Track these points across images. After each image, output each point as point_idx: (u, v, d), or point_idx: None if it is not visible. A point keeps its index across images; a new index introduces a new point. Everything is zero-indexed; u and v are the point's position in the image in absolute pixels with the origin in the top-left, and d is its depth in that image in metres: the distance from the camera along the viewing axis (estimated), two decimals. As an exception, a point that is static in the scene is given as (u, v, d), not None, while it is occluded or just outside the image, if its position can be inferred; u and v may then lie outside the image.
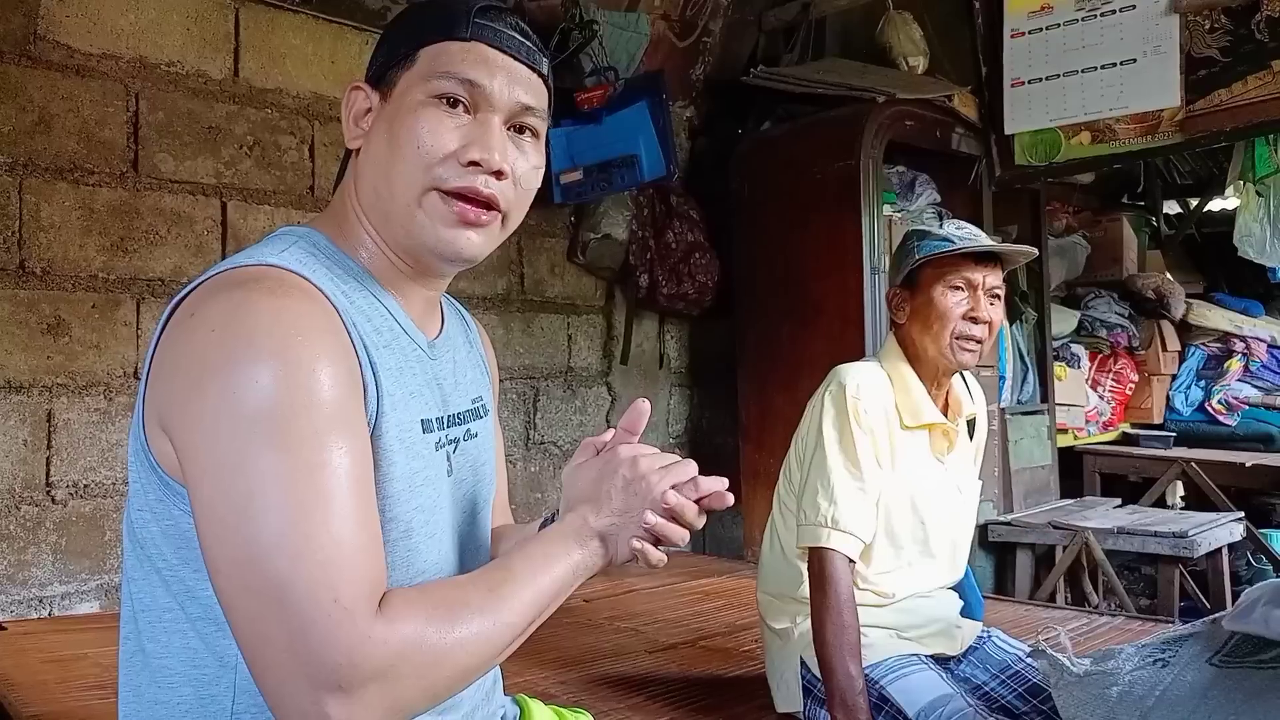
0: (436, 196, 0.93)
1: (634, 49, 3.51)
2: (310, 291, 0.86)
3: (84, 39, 2.64)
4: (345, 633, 0.76)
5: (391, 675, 0.77)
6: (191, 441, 0.81)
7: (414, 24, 0.97)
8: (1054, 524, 3.61)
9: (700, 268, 3.80)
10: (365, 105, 0.98)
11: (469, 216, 0.94)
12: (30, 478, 2.55)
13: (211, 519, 0.79)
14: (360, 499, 0.81)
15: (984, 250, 1.76)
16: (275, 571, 0.76)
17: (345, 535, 0.78)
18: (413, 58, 0.95)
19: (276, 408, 0.78)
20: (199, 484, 0.80)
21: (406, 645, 0.78)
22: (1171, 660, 1.19)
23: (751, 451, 3.71)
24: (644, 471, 0.91)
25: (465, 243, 0.95)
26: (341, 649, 0.75)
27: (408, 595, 0.82)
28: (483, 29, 0.95)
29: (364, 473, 0.84)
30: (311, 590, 0.76)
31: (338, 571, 0.77)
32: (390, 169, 0.93)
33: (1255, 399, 4.88)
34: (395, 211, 0.94)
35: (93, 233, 2.65)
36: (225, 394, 0.79)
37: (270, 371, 0.79)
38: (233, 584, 0.78)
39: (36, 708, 1.92)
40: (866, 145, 3.38)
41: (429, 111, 0.93)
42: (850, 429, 1.73)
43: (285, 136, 3.01)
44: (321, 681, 0.75)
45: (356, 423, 0.85)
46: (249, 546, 0.77)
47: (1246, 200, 4.29)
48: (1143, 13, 3.27)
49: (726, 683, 2.27)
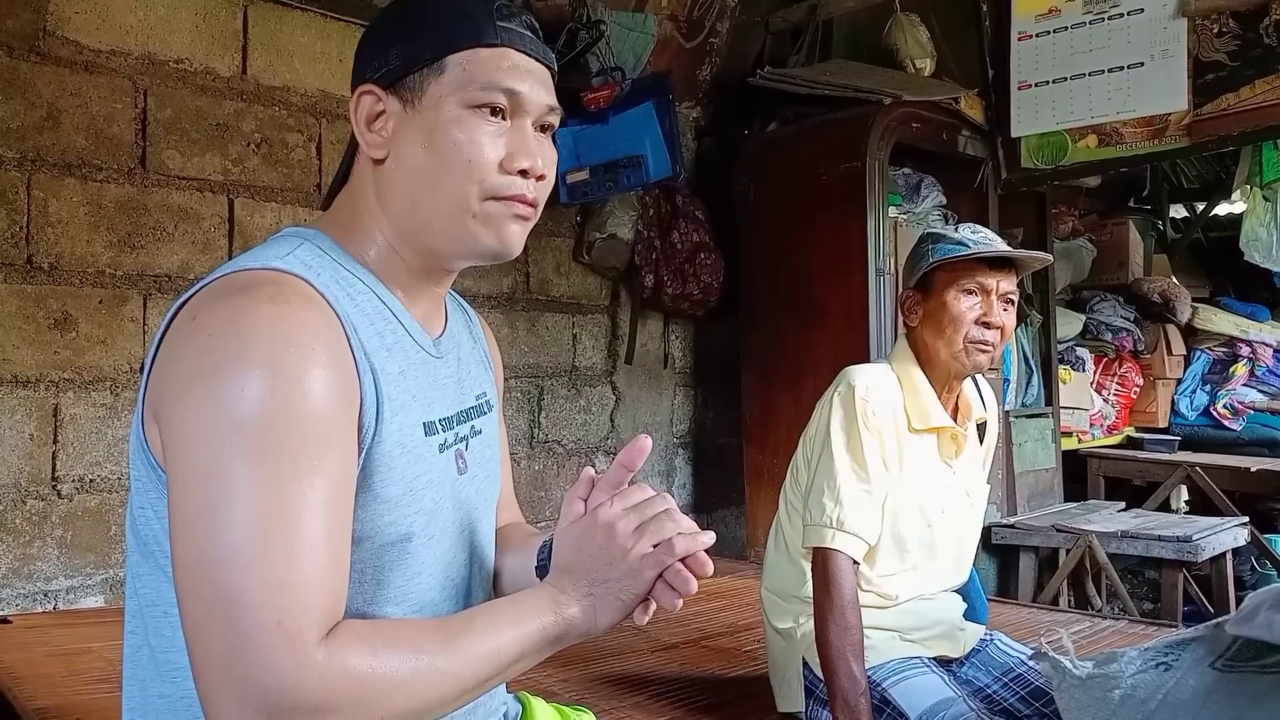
0: (492, 204, 0.94)
1: (641, 49, 3.52)
2: (312, 298, 0.86)
3: (93, 35, 2.64)
4: (282, 656, 0.75)
5: (323, 708, 0.76)
6: (173, 443, 0.81)
7: (427, 25, 0.95)
8: (1057, 527, 3.61)
9: (705, 268, 3.80)
10: (378, 109, 0.95)
11: (524, 214, 0.96)
12: (36, 472, 2.56)
13: (177, 520, 0.79)
14: (329, 521, 0.80)
15: (999, 255, 1.76)
16: (224, 582, 0.76)
17: (303, 556, 0.78)
18: (440, 65, 0.93)
19: (258, 419, 0.78)
20: (173, 484, 0.81)
21: (344, 679, 0.77)
22: (1174, 664, 1.18)
23: (755, 452, 3.71)
24: (620, 539, 0.88)
25: (516, 243, 0.97)
26: (275, 673, 0.74)
27: (357, 629, 0.81)
28: (509, 34, 0.95)
29: (340, 493, 0.83)
30: (256, 608, 0.75)
31: (288, 593, 0.76)
32: (436, 182, 0.94)
33: (1261, 404, 4.87)
34: (440, 221, 0.95)
35: (100, 228, 2.66)
36: (210, 400, 0.79)
37: (257, 382, 0.79)
38: (187, 584, 0.78)
39: (41, 701, 1.93)
40: (873, 147, 3.37)
41: (472, 123, 0.93)
42: (858, 430, 1.73)
43: (292, 134, 3.02)
44: (250, 702, 0.75)
45: (342, 439, 0.84)
46: (204, 553, 0.77)
47: (1253, 205, 4.28)
48: (1151, 16, 3.26)
49: (728, 682, 2.27)
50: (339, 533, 0.82)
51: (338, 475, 0.82)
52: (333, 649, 0.77)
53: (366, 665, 0.78)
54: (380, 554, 0.91)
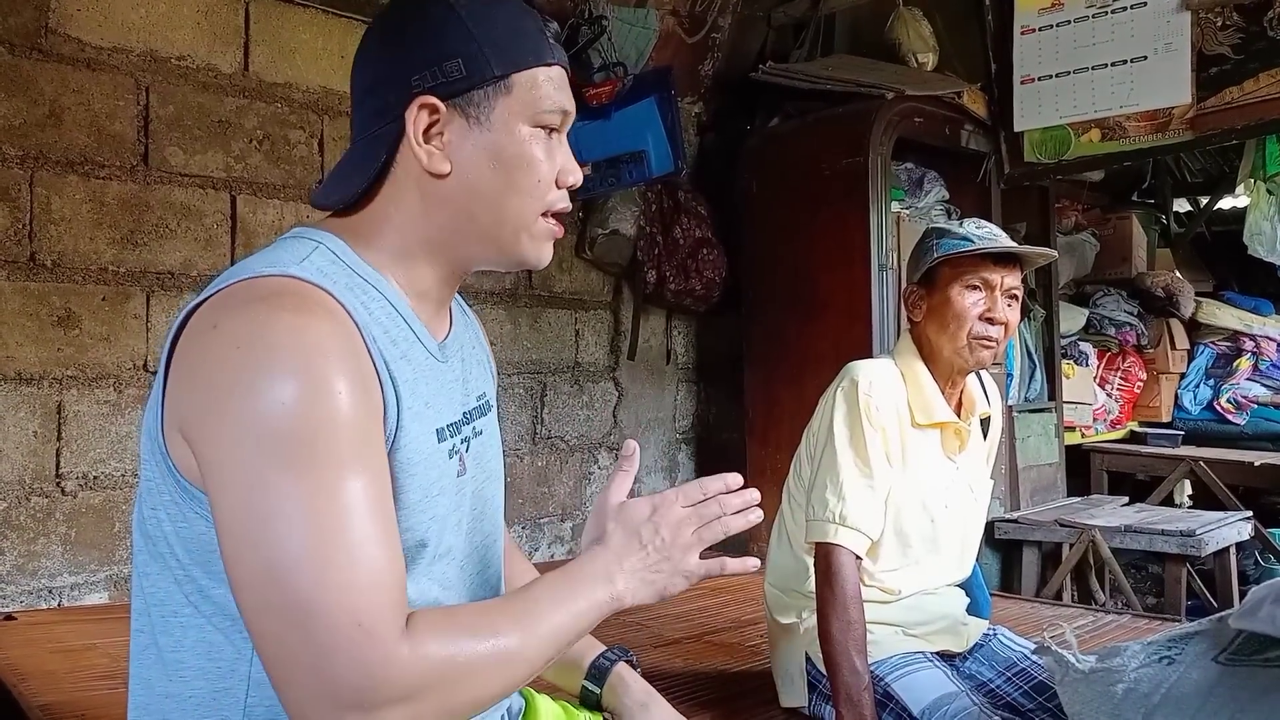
0: (543, 221, 0.98)
1: (643, 44, 3.51)
2: (332, 308, 0.86)
3: (95, 32, 2.64)
4: (367, 655, 0.77)
5: (414, 697, 0.79)
6: (214, 458, 0.82)
7: (490, 40, 0.93)
8: (1061, 522, 3.60)
9: (708, 263, 3.80)
10: (432, 120, 0.93)
11: (559, 232, 1.01)
12: (40, 469, 2.56)
13: (232, 536, 0.80)
14: (379, 519, 0.82)
15: (1003, 251, 1.76)
16: (296, 593, 0.77)
17: (365, 557, 0.80)
18: (507, 84, 0.94)
19: (298, 428, 0.79)
20: (220, 500, 0.81)
21: (430, 667, 0.80)
22: (1177, 658, 1.19)
23: (758, 447, 3.71)
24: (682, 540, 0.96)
25: (549, 256, 1.02)
26: (364, 671, 0.77)
27: (433, 617, 0.84)
28: (559, 52, 0.98)
29: (383, 493, 0.85)
30: (333, 613, 0.77)
31: (358, 594, 0.78)
32: (502, 199, 0.95)
33: (1264, 398, 4.86)
34: (495, 234, 0.97)
35: (103, 226, 2.66)
36: (248, 413, 0.80)
37: (293, 392, 0.80)
38: (255, 600, 0.79)
39: (46, 698, 1.93)
40: (875, 142, 3.37)
41: (539, 143, 0.96)
42: (861, 425, 1.73)
43: (295, 131, 3.02)
44: (344, 702, 0.77)
45: (376, 443, 0.86)
46: (271, 567, 0.78)
47: (1257, 198, 4.28)
48: (1154, 9, 3.25)
49: (731, 677, 2.27)
50: (391, 529, 0.84)
51: (379, 475, 0.84)
52: (413, 640, 0.80)
53: (448, 652, 0.81)
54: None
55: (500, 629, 0.85)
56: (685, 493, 0.97)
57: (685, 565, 0.95)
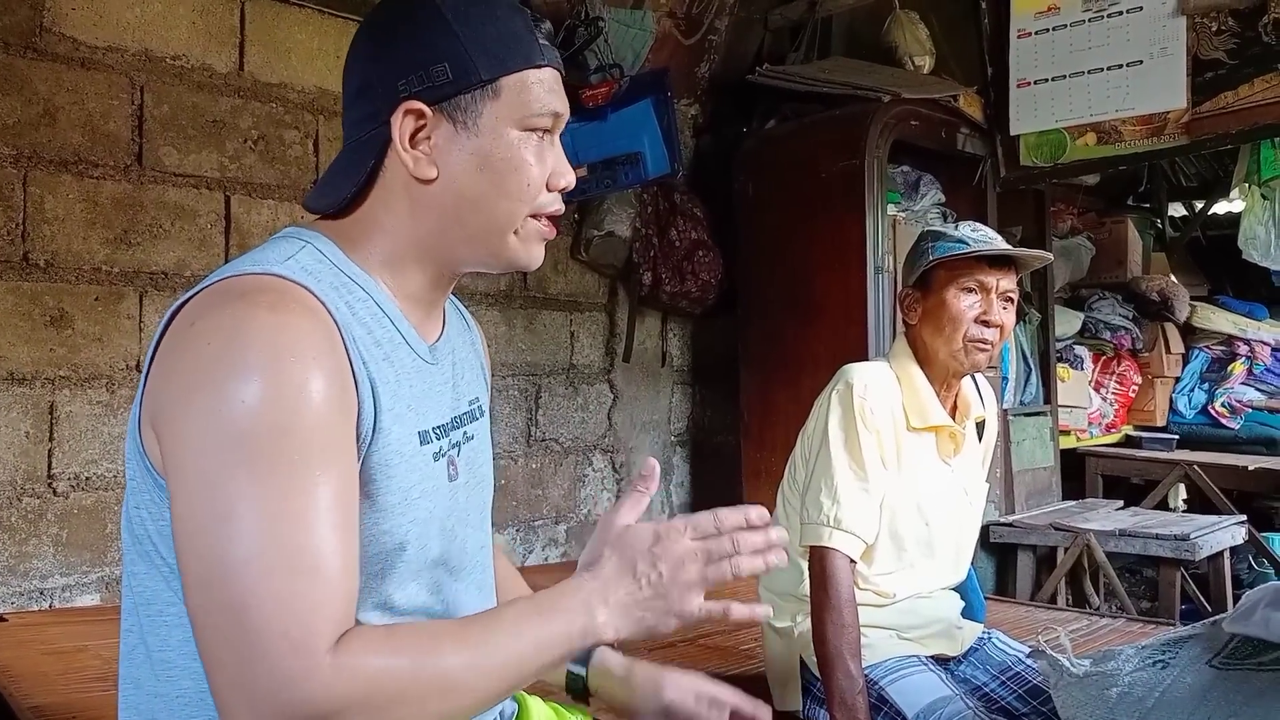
0: (531, 221, 0.97)
1: (639, 46, 3.51)
2: (311, 306, 0.85)
3: (89, 32, 2.64)
4: (290, 666, 0.75)
5: (335, 714, 0.76)
6: (175, 452, 0.81)
7: (477, 42, 0.92)
8: (1055, 525, 3.60)
9: (703, 266, 3.80)
10: (419, 125, 0.93)
11: (550, 234, 0.99)
12: (32, 470, 2.55)
13: (184, 532, 0.79)
14: (335, 528, 0.80)
15: (999, 253, 1.76)
16: (233, 597, 0.76)
17: (310, 566, 0.78)
18: (495, 88, 0.93)
19: (261, 428, 0.78)
20: (177, 495, 0.80)
21: (355, 686, 0.77)
22: (1171, 662, 1.19)
23: (753, 450, 3.71)
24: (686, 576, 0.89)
25: (541, 257, 1.00)
26: (283, 683, 0.75)
27: (371, 634, 0.81)
28: (550, 52, 0.96)
29: (345, 498, 0.83)
30: (263, 621, 0.75)
31: (296, 603, 0.76)
32: (489, 203, 0.94)
33: (1259, 402, 4.87)
34: (482, 237, 0.96)
35: (96, 225, 2.65)
36: (212, 410, 0.79)
37: (259, 391, 0.78)
38: (196, 599, 0.79)
39: (37, 699, 1.92)
40: (871, 145, 3.37)
41: (528, 146, 0.95)
42: (856, 429, 1.73)
43: (290, 131, 3.01)
44: (261, 712, 0.75)
45: (343, 448, 0.84)
46: (215, 566, 0.77)
47: (1251, 203, 4.28)
48: (1150, 14, 3.26)
49: (725, 681, 2.26)
50: (346, 539, 0.82)
51: (342, 482, 0.82)
52: (341, 656, 0.77)
53: (376, 671, 0.78)
54: (372, 562, 0.90)
55: (444, 652, 0.81)
56: (696, 524, 0.91)
57: (682, 606, 0.88)
